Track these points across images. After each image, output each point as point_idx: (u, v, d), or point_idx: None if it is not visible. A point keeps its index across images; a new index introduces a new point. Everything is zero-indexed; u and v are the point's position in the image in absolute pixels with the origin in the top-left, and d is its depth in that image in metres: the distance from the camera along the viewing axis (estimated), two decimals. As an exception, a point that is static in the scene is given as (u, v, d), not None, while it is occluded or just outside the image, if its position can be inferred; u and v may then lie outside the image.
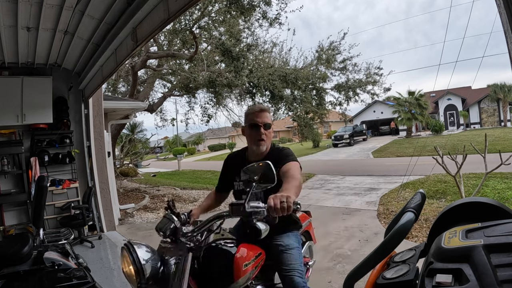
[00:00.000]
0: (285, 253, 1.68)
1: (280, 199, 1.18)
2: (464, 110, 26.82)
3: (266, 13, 8.42)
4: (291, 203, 1.18)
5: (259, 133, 1.70)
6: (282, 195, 1.20)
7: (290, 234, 1.78)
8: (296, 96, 10.39)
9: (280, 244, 1.70)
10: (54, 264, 2.04)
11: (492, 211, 0.87)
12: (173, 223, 1.40)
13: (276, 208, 1.17)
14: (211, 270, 1.45)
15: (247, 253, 1.51)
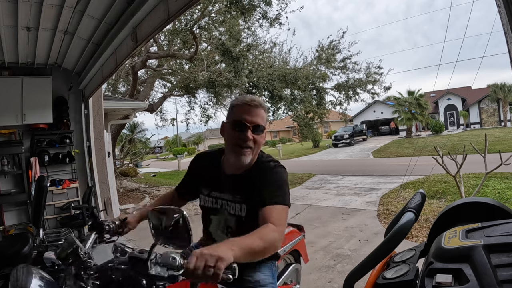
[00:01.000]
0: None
1: (206, 261, 0.78)
2: (464, 110, 26.81)
3: (266, 13, 8.42)
4: (220, 270, 0.78)
5: (244, 137, 1.19)
6: (212, 255, 0.79)
7: (263, 267, 1.36)
8: (296, 96, 10.40)
9: (249, 280, 1.30)
10: (54, 264, 2.03)
11: (492, 211, 0.87)
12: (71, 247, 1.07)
13: (196, 273, 0.78)
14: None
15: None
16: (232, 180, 1.29)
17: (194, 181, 1.45)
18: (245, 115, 1.20)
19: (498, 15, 1.46)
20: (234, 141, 1.22)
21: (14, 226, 4.48)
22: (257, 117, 1.21)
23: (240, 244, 0.90)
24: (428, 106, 23.77)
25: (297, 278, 2.08)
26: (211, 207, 1.35)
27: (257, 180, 1.21)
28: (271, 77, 9.00)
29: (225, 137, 1.29)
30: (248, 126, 1.19)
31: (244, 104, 1.22)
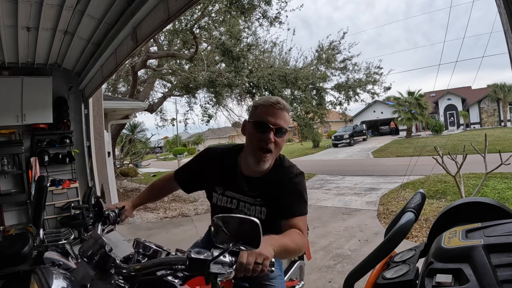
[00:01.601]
0: (264, 284, 1.38)
1: (256, 259, 0.91)
2: (464, 110, 26.82)
3: (266, 12, 8.42)
4: (266, 267, 0.92)
5: (266, 138, 1.18)
6: (260, 254, 0.91)
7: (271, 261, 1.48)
8: (296, 96, 10.40)
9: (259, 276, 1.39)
10: (54, 264, 2.03)
11: (492, 211, 0.87)
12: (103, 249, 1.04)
13: (247, 268, 0.90)
14: None
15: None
16: (251, 182, 1.29)
17: (200, 174, 1.41)
18: (268, 116, 1.19)
19: (498, 15, 1.46)
20: (256, 142, 1.21)
21: (14, 226, 4.48)
22: (281, 120, 1.20)
23: (279, 242, 1.02)
24: (428, 106, 23.78)
25: (301, 275, 2.12)
26: (225, 206, 1.34)
27: (280, 187, 1.24)
28: (272, 77, 9.00)
29: (246, 136, 1.28)
30: (271, 128, 1.18)
31: (269, 105, 1.21)
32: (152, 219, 6.25)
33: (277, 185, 1.25)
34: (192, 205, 7.52)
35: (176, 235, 5.06)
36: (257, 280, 1.34)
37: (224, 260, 0.90)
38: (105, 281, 1.00)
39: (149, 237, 5.11)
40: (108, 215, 1.29)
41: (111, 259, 1.03)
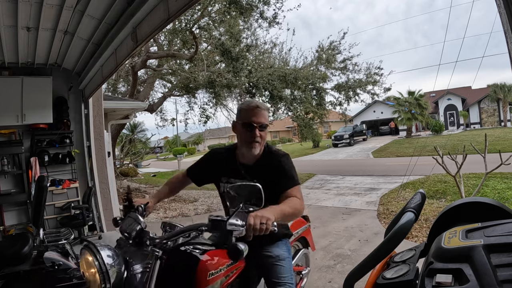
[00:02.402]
0: (275, 264, 1.57)
1: (260, 220, 1.16)
2: (464, 110, 26.82)
3: (263, 12, 8.41)
4: (270, 226, 1.17)
5: (253, 134, 1.49)
6: (263, 216, 1.17)
7: (280, 243, 1.66)
8: (296, 96, 10.39)
9: (270, 255, 1.59)
10: (54, 264, 2.03)
11: (492, 211, 0.87)
12: (139, 225, 1.27)
13: (255, 228, 1.15)
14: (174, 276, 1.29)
15: (217, 260, 1.35)
16: (248, 168, 1.58)
17: (209, 170, 1.72)
18: (252, 117, 1.50)
19: (498, 15, 1.46)
20: (246, 138, 1.52)
21: (14, 226, 4.48)
22: (262, 118, 1.52)
23: (278, 208, 1.30)
24: (428, 106, 23.78)
25: (306, 262, 2.33)
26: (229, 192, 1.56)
27: (271, 168, 1.53)
28: (271, 78, 8.99)
29: (237, 134, 1.59)
30: (255, 126, 1.50)
31: (251, 109, 1.51)
32: (152, 219, 6.25)
33: (269, 168, 1.54)
34: (192, 205, 7.52)
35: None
36: (268, 261, 1.58)
37: (237, 223, 1.17)
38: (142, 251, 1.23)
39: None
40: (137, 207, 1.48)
41: (146, 233, 1.27)
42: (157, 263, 1.21)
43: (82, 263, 1.17)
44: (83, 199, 4.86)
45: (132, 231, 1.27)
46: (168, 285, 1.27)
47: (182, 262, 1.31)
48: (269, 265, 1.58)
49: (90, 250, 1.14)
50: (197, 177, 1.77)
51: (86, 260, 1.15)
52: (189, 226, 1.27)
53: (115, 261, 1.15)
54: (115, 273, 1.13)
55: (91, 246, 1.15)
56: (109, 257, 1.14)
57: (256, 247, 1.50)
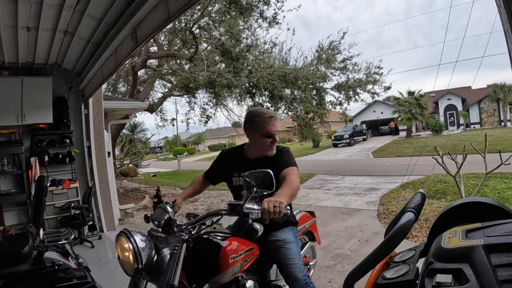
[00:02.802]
0: (283, 247, 1.73)
1: (273, 204, 1.29)
2: (464, 110, 26.81)
3: (263, 12, 8.40)
4: (283, 208, 1.30)
5: (273, 142, 1.75)
6: (275, 200, 1.31)
7: (286, 229, 1.83)
8: (296, 96, 10.38)
9: (277, 239, 1.76)
10: (54, 264, 2.03)
11: (492, 211, 0.87)
12: (167, 214, 1.46)
13: (269, 211, 1.28)
14: (199, 261, 1.47)
15: (236, 246, 1.53)
16: (256, 162, 1.76)
17: (222, 169, 1.93)
18: (271, 128, 1.74)
19: (498, 15, 1.46)
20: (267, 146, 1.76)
21: (14, 226, 4.48)
22: (276, 126, 1.77)
23: (285, 192, 1.46)
24: (428, 106, 23.77)
25: (313, 254, 2.47)
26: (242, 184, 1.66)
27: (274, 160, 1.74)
28: (271, 77, 8.98)
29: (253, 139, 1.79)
30: (274, 135, 1.75)
31: (268, 120, 1.74)
32: (152, 219, 6.25)
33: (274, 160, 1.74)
34: (192, 205, 7.52)
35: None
36: (276, 244, 1.74)
37: (253, 207, 1.31)
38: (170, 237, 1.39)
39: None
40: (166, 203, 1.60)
41: (174, 221, 1.43)
42: (183, 246, 1.35)
43: (117, 247, 1.32)
44: (83, 199, 4.86)
45: (161, 220, 1.45)
46: (195, 268, 1.45)
47: (206, 248, 1.49)
48: (277, 248, 1.74)
49: (125, 235, 1.29)
50: (212, 178, 2.00)
51: (121, 244, 1.30)
52: (210, 212, 1.44)
53: (147, 246, 1.30)
54: (146, 256, 1.27)
55: (126, 232, 1.30)
56: (142, 242, 1.29)
57: (265, 234, 1.67)
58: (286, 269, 1.70)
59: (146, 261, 1.27)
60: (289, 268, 1.68)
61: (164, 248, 1.35)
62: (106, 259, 4.11)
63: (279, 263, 1.74)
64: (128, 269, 1.29)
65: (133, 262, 1.24)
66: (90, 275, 1.97)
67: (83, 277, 1.91)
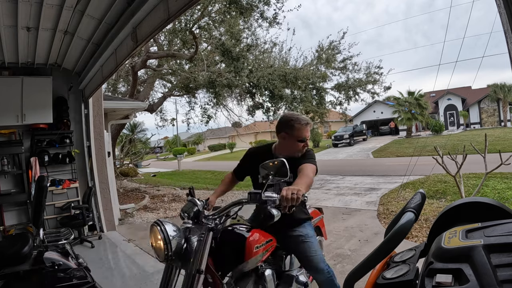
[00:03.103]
0: (305, 242, 1.87)
1: (291, 191, 1.38)
2: (464, 110, 26.81)
3: (263, 12, 8.40)
4: (300, 196, 1.39)
5: (305, 145, 1.91)
6: (294, 188, 1.41)
7: (305, 224, 1.96)
8: (296, 95, 10.38)
9: (300, 234, 1.89)
10: (54, 264, 2.03)
11: (492, 211, 0.87)
12: (196, 207, 1.59)
13: (287, 198, 1.37)
14: (225, 250, 1.61)
15: (258, 237, 1.69)
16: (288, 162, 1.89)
17: (250, 166, 2.02)
18: (306, 133, 1.89)
19: (498, 15, 1.46)
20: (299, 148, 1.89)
21: (14, 226, 4.48)
22: (309, 132, 1.94)
23: (302, 182, 1.58)
24: (428, 106, 23.77)
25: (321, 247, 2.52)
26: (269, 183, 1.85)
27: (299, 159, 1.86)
28: (272, 77, 8.98)
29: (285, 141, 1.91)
30: (307, 140, 1.91)
31: (304, 126, 1.88)
32: (152, 219, 6.25)
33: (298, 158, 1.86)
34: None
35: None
36: (298, 239, 1.87)
37: (271, 195, 1.41)
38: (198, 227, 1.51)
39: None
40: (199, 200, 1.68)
41: (202, 212, 1.56)
42: (209, 234, 1.48)
43: (151, 235, 1.46)
44: (83, 199, 4.86)
45: (190, 212, 1.57)
46: (221, 257, 1.59)
47: (232, 238, 1.66)
48: (300, 242, 1.87)
49: (158, 225, 1.42)
50: (240, 174, 2.15)
51: (154, 233, 1.43)
52: (233, 202, 1.56)
53: (177, 234, 1.43)
54: (175, 243, 1.40)
55: (158, 222, 1.44)
56: (172, 231, 1.42)
57: (286, 229, 1.87)
58: (309, 262, 1.84)
59: (175, 248, 1.40)
60: (313, 260, 1.82)
61: (192, 237, 1.49)
62: (106, 259, 4.11)
63: (302, 256, 1.87)
64: (160, 255, 1.42)
65: (164, 249, 1.38)
66: (90, 275, 1.97)
67: (83, 277, 1.91)
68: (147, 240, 2.52)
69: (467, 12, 41.59)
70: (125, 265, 3.86)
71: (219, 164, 20.74)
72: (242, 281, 1.67)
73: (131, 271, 3.64)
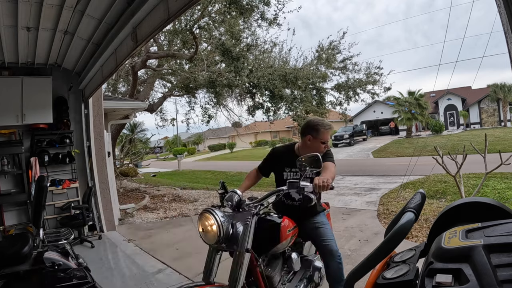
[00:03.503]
0: (321, 228, 2.15)
1: (322, 180, 1.69)
2: (464, 110, 26.81)
3: (263, 13, 8.39)
4: (330, 183, 1.70)
5: (326, 146, 2.18)
6: (324, 177, 1.74)
7: (321, 214, 2.26)
8: (296, 95, 10.37)
9: (317, 222, 2.18)
10: (54, 264, 2.03)
11: (492, 211, 0.86)
12: (238, 196, 1.80)
13: (319, 185, 1.67)
14: (262, 234, 1.80)
15: (288, 223, 1.96)
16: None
17: (274, 163, 2.30)
18: (327, 136, 2.16)
19: (498, 15, 1.46)
20: (320, 149, 2.14)
21: (14, 226, 4.48)
22: (329, 135, 2.21)
23: (328, 174, 1.89)
24: (428, 106, 23.77)
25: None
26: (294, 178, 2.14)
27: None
28: (272, 77, 8.97)
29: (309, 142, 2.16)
30: (327, 141, 2.18)
31: (328, 130, 2.16)
32: (152, 219, 6.25)
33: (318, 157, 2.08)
34: (192, 205, 7.52)
35: (176, 235, 5.06)
36: (315, 226, 2.15)
37: (307, 183, 1.69)
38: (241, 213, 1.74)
39: (149, 237, 5.12)
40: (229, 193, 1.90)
41: (244, 201, 1.80)
42: (254, 218, 1.69)
43: (200, 223, 1.65)
44: (83, 199, 4.86)
45: (233, 201, 1.78)
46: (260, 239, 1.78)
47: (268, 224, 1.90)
48: (316, 229, 2.15)
49: (209, 212, 1.63)
50: (265, 171, 2.38)
51: (206, 218, 1.63)
52: (273, 190, 1.80)
53: (225, 220, 1.63)
54: (225, 227, 1.61)
55: (210, 210, 1.64)
56: (222, 217, 1.63)
57: (304, 218, 2.17)
58: (324, 245, 2.08)
59: (225, 232, 1.61)
60: (327, 243, 2.07)
61: (237, 222, 1.70)
62: (106, 259, 4.11)
63: (318, 241, 2.13)
64: (211, 239, 1.61)
65: (217, 232, 1.58)
66: (90, 275, 1.97)
67: (83, 277, 1.91)
68: (147, 240, 2.53)
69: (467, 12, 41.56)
70: (125, 265, 3.87)
71: (219, 164, 20.75)
72: (272, 262, 1.95)
73: (131, 271, 3.64)
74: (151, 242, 4.72)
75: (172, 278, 3.33)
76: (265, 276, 1.83)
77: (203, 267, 1.72)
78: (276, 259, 1.98)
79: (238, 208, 1.78)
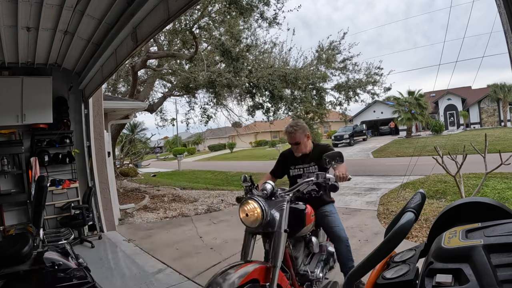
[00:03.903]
0: (330, 216, 2.46)
1: (342, 173, 2.09)
2: (464, 110, 26.81)
3: (263, 13, 8.40)
4: (347, 175, 2.10)
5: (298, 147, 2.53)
6: (343, 170, 2.12)
7: (329, 204, 2.57)
8: (296, 96, 10.38)
9: (326, 211, 2.49)
10: (54, 264, 2.03)
11: (492, 211, 0.86)
12: (272, 186, 1.97)
13: (340, 177, 2.07)
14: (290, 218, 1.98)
15: (311, 210, 2.27)
16: (303, 157, 2.57)
17: (283, 165, 2.69)
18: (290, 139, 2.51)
19: (498, 15, 1.46)
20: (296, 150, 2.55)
21: (14, 226, 4.48)
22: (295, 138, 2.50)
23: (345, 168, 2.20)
24: (428, 106, 23.76)
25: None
26: (297, 174, 2.57)
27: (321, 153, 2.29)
28: (272, 77, 8.97)
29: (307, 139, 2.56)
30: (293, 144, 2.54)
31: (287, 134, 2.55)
32: (152, 219, 6.25)
33: (319, 154, 2.36)
34: (192, 205, 7.52)
35: (176, 235, 5.05)
36: (325, 214, 2.46)
37: (330, 176, 2.04)
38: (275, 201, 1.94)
39: (149, 237, 5.12)
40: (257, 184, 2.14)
41: (276, 190, 1.99)
42: (288, 204, 1.93)
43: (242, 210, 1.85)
44: (83, 199, 4.86)
45: (267, 191, 1.95)
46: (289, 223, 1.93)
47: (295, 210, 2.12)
48: (326, 217, 2.45)
49: (251, 199, 1.85)
50: (277, 174, 2.74)
51: (250, 203, 1.83)
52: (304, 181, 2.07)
53: (265, 206, 1.84)
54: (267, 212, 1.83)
55: (254, 198, 1.86)
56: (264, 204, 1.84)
57: (317, 208, 2.42)
58: (333, 231, 2.39)
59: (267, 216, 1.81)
60: (335, 229, 2.39)
61: (272, 209, 1.89)
62: (106, 259, 4.11)
63: (328, 227, 2.43)
64: (253, 223, 1.82)
65: (261, 216, 1.79)
66: (90, 275, 1.97)
67: (83, 277, 1.91)
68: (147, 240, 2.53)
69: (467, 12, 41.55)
70: (125, 265, 3.87)
71: (219, 164, 20.75)
72: (296, 245, 2.23)
73: (131, 271, 3.64)
74: (151, 242, 4.72)
75: (172, 278, 3.33)
76: (293, 257, 2.11)
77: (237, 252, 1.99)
78: (300, 242, 2.26)
79: (271, 197, 1.95)
